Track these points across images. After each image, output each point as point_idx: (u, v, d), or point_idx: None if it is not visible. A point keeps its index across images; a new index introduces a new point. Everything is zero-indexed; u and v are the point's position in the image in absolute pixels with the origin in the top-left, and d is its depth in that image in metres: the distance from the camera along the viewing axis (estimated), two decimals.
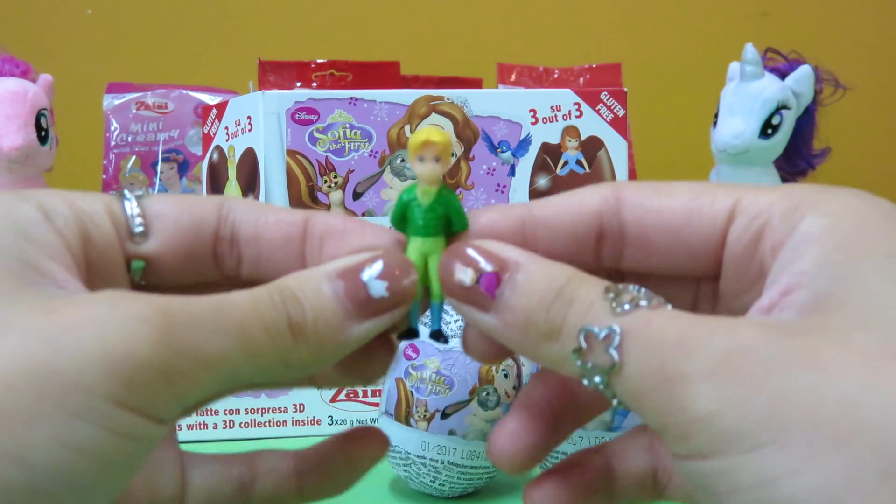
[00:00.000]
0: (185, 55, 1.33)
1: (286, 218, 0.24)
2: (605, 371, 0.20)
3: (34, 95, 0.81)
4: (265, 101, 0.49)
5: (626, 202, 0.23)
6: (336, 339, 0.22)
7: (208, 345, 0.20)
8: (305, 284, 0.22)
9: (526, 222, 0.23)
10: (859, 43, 1.36)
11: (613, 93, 0.52)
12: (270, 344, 0.21)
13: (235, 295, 0.21)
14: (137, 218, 0.23)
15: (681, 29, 1.37)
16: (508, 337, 0.22)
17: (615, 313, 0.20)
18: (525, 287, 0.21)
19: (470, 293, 0.22)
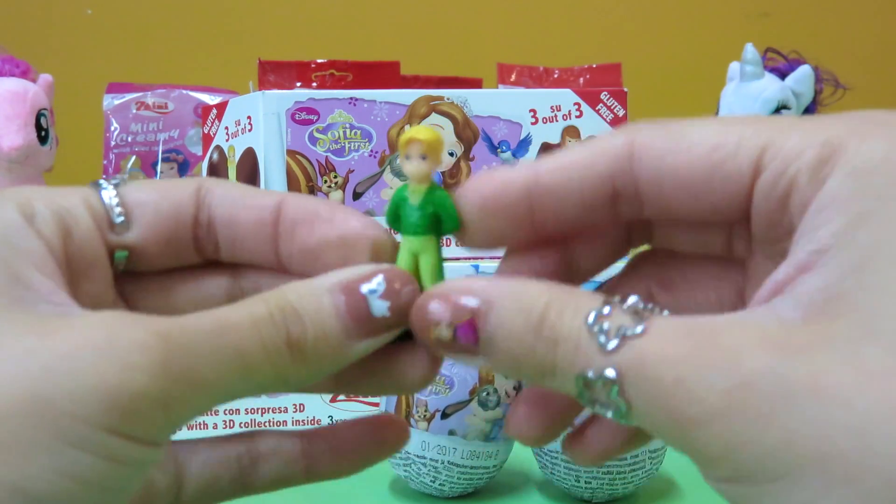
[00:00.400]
0: (185, 55, 1.33)
1: (259, 202, 0.24)
2: (615, 413, 0.19)
3: (34, 95, 0.81)
4: (265, 101, 0.49)
5: (639, 161, 0.21)
6: (334, 357, 0.21)
7: (206, 370, 0.19)
8: (306, 299, 0.21)
9: (532, 192, 0.22)
10: (859, 43, 1.36)
11: (613, 93, 0.52)
12: (268, 364, 0.20)
13: (234, 313, 0.20)
14: (117, 208, 0.23)
15: (681, 29, 1.37)
16: (503, 371, 0.21)
17: (605, 352, 0.19)
18: (502, 331, 0.20)
19: (453, 346, 0.21)
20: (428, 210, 0.23)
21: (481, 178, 0.23)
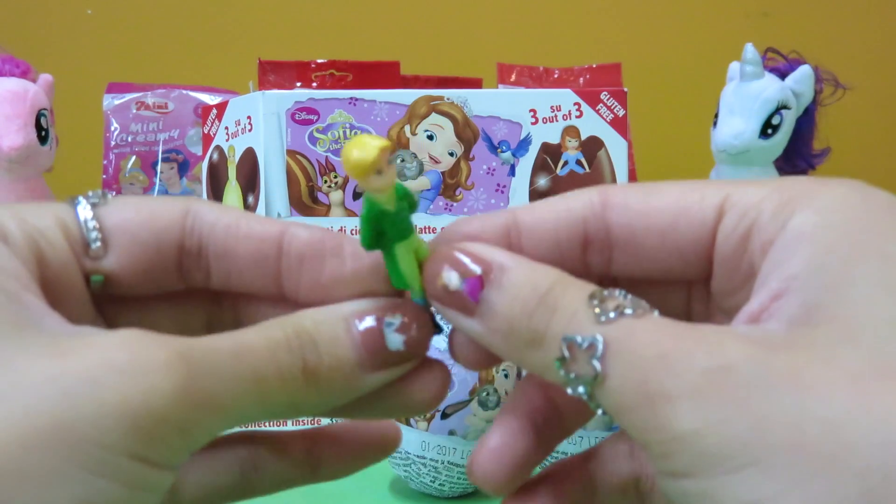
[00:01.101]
0: (185, 55, 1.33)
1: (258, 233, 0.23)
2: (587, 382, 0.19)
3: (34, 95, 0.81)
4: (265, 101, 0.49)
5: (611, 205, 0.23)
6: (347, 387, 0.21)
7: (225, 395, 0.19)
8: (323, 327, 0.21)
9: (510, 230, 0.23)
10: (859, 43, 1.36)
11: (613, 93, 0.52)
12: (283, 390, 0.20)
13: (251, 337, 0.20)
14: (94, 232, 0.22)
15: (681, 29, 1.37)
16: (493, 343, 0.21)
17: (599, 322, 0.19)
18: (508, 292, 0.21)
19: (454, 297, 0.21)
20: (405, 206, 0.22)
21: (460, 221, 0.23)
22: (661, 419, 0.18)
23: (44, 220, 0.21)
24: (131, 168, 0.92)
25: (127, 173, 0.92)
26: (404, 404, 0.23)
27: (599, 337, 0.19)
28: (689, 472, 0.18)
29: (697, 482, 0.18)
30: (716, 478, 0.17)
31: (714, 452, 0.17)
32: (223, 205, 0.26)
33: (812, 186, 0.20)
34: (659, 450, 0.18)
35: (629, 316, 0.19)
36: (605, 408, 0.19)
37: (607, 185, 0.23)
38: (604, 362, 0.19)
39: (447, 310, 0.22)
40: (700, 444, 0.17)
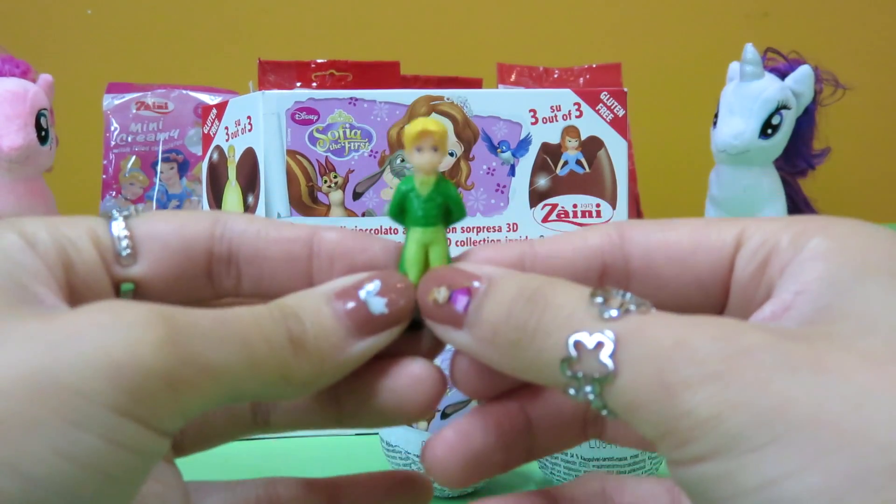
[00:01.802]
0: (185, 55, 1.33)
1: (289, 235, 0.23)
2: (597, 381, 0.19)
3: (34, 95, 0.81)
4: (265, 101, 0.49)
5: (629, 238, 0.23)
6: (337, 356, 0.22)
7: (212, 354, 0.19)
8: (305, 303, 0.22)
9: (525, 257, 0.23)
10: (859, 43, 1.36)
11: (613, 93, 0.52)
12: (272, 356, 0.20)
13: (236, 309, 0.21)
14: (125, 240, 0.23)
15: (681, 29, 1.37)
16: (483, 353, 0.21)
17: (603, 319, 0.19)
18: (494, 298, 0.21)
19: (443, 310, 0.22)
20: (438, 201, 0.23)
21: (476, 248, 0.24)
22: (680, 406, 0.18)
23: (75, 230, 0.22)
24: (131, 168, 0.92)
25: (127, 173, 0.92)
26: (398, 408, 0.23)
27: (610, 333, 0.19)
28: (708, 455, 0.18)
29: (717, 464, 0.17)
30: (737, 458, 0.17)
31: (735, 433, 0.17)
32: (251, 215, 0.26)
33: (826, 220, 0.21)
34: (677, 438, 0.18)
35: (634, 312, 0.19)
36: (612, 407, 0.19)
37: (621, 221, 0.23)
38: (616, 359, 0.19)
39: (439, 326, 0.22)
40: (721, 426, 0.17)
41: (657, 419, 0.18)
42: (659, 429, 0.18)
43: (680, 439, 0.18)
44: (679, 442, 0.18)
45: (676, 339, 0.18)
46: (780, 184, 0.78)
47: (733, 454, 0.17)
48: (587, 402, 0.20)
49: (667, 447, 0.18)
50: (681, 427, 0.18)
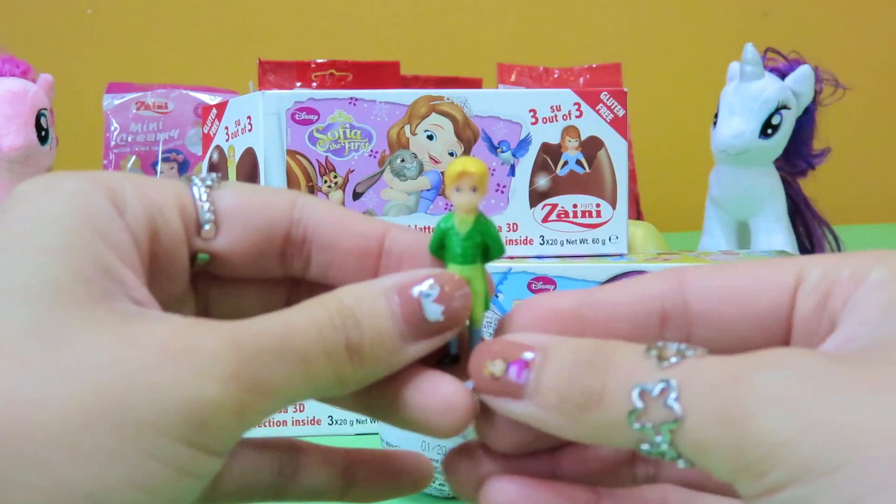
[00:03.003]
0: (185, 55, 1.33)
1: (364, 230, 0.24)
2: (667, 427, 0.19)
3: (34, 95, 0.81)
4: (265, 101, 0.49)
5: (688, 282, 0.23)
6: (390, 359, 0.22)
7: (274, 377, 0.20)
8: (363, 302, 0.22)
9: (584, 304, 0.23)
10: (859, 43, 1.36)
11: (613, 93, 0.52)
12: (329, 367, 0.21)
13: (297, 317, 0.21)
14: (208, 214, 0.23)
15: (681, 29, 1.37)
16: (547, 421, 0.21)
17: (662, 368, 0.19)
18: (553, 365, 0.21)
19: (501, 384, 0.21)
20: (477, 239, 0.23)
21: (533, 299, 0.23)
22: (749, 439, 0.18)
23: (164, 197, 0.23)
24: (131, 168, 0.92)
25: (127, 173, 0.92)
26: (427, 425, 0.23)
27: (672, 379, 0.19)
28: (784, 483, 0.17)
29: (794, 491, 0.17)
30: (813, 482, 0.17)
31: (808, 457, 0.17)
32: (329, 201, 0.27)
33: (883, 252, 0.21)
34: (752, 472, 0.18)
35: (691, 357, 0.19)
36: (686, 452, 0.19)
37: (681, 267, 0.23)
38: (680, 400, 0.19)
39: (496, 399, 0.22)
40: (794, 452, 0.17)
41: (729, 455, 0.18)
42: (733, 465, 0.18)
43: (755, 472, 0.18)
44: (754, 475, 0.18)
45: (736, 373, 0.18)
46: (780, 184, 0.78)
47: (809, 479, 0.17)
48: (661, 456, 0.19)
49: (743, 483, 0.18)
50: (753, 458, 0.18)
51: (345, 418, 0.50)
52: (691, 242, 0.83)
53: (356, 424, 0.50)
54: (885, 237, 1.14)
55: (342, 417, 0.50)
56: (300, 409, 0.50)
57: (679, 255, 0.53)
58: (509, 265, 0.49)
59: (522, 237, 0.51)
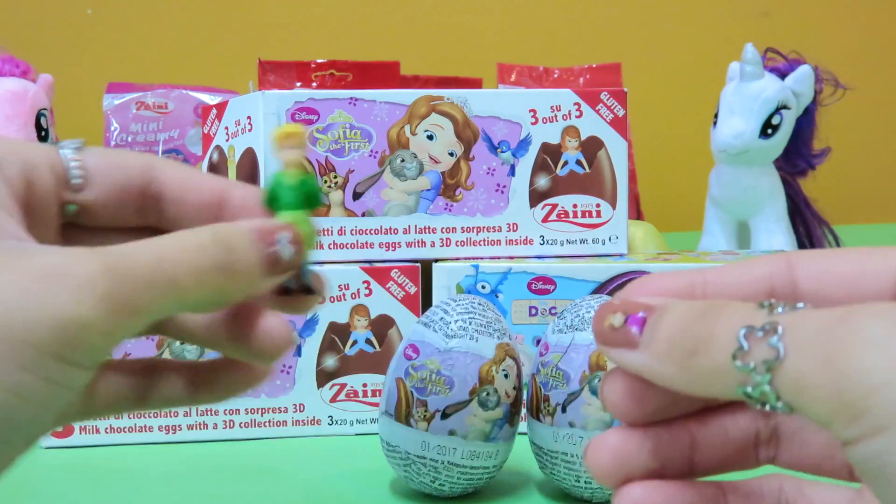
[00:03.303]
0: (185, 55, 1.33)
1: (207, 185, 0.28)
2: (768, 365, 0.19)
3: (34, 95, 0.81)
4: (265, 101, 0.49)
5: (797, 264, 0.24)
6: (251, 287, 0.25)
7: (145, 297, 0.23)
8: (235, 235, 0.25)
9: (696, 285, 0.24)
10: (859, 43, 1.36)
11: (613, 93, 0.52)
12: (198, 290, 0.24)
13: (169, 242, 0.24)
14: (76, 170, 0.27)
15: (681, 29, 1.37)
16: (657, 369, 0.22)
17: (771, 315, 0.20)
18: (670, 316, 0.22)
19: (619, 334, 0.23)
20: (303, 189, 0.27)
21: (647, 277, 0.25)
22: (849, 379, 0.18)
23: (37, 155, 0.26)
24: None
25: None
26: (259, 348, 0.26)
27: (777, 321, 0.20)
28: (883, 426, 0.18)
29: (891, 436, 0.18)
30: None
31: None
32: (180, 163, 0.31)
33: None
34: (849, 413, 0.18)
35: (800, 309, 0.20)
36: (785, 393, 0.20)
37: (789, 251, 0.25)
38: (784, 341, 0.19)
39: (613, 350, 0.23)
40: (894, 394, 0.18)
41: (827, 394, 0.18)
42: (831, 405, 0.18)
43: (852, 413, 0.18)
44: (851, 416, 0.18)
45: (840, 318, 0.19)
46: (780, 184, 0.78)
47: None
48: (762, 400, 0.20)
49: (840, 425, 0.19)
50: (851, 399, 0.18)
51: (345, 418, 0.50)
52: (691, 242, 0.83)
53: (356, 425, 0.50)
54: (885, 237, 1.14)
55: (342, 417, 0.50)
56: (300, 410, 0.50)
57: (679, 255, 0.53)
58: (509, 265, 0.49)
59: (522, 237, 0.51)
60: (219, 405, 0.44)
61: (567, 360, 0.39)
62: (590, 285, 0.49)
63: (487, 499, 0.42)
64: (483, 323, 0.40)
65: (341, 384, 0.50)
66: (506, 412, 0.40)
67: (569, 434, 0.39)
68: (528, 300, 0.49)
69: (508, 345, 0.40)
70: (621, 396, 0.24)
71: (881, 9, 1.38)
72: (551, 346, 0.40)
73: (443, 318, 0.40)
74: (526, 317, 0.49)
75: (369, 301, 0.50)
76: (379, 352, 0.50)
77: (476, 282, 0.49)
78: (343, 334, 0.50)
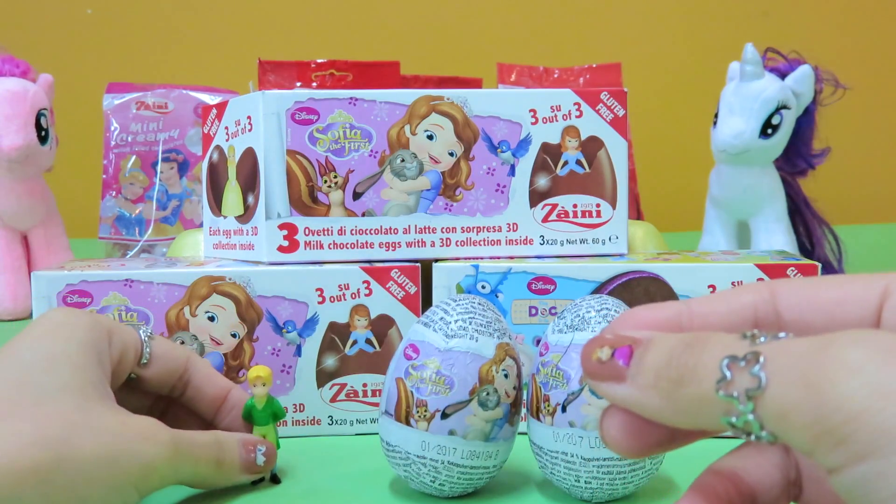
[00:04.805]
0: (185, 55, 1.33)
1: (220, 384, 0.43)
2: (750, 393, 0.20)
3: (34, 95, 0.81)
4: (265, 101, 0.49)
5: (779, 293, 0.24)
6: (231, 479, 0.41)
7: (182, 465, 0.38)
8: (229, 444, 0.41)
9: (682, 314, 0.25)
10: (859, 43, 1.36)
11: (613, 93, 0.52)
12: (204, 468, 0.39)
13: (202, 439, 0.39)
14: (147, 354, 0.41)
15: (681, 29, 1.37)
16: (644, 401, 0.23)
17: (753, 345, 0.21)
18: (656, 349, 0.23)
19: (606, 367, 0.23)
20: (269, 411, 0.43)
21: (634, 310, 0.26)
22: (830, 404, 0.18)
23: (130, 337, 0.41)
24: (131, 168, 0.92)
25: (127, 173, 0.92)
26: None
27: (759, 351, 0.20)
28: (866, 453, 0.18)
29: (876, 463, 0.18)
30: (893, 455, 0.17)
31: (889, 427, 0.17)
32: (205, 360, 0.44)
33: None
34: (832, 439, 0.18)
35: (781, 339, 0.21)
36: (768, 423, 0.20)
37: (773, 280, 0.25)
38: (766, 370, 0.20)
39: (600, 384, 0.24)
40: (874, 420, 0.18)
41: (809, 421, 0.19)
42: (812, 432, 0.19)
43: (834, 440, 0.18)
44: (833, 443, 0.18)
45: (820, 346, 0.19)
46: (780, 184, 0.78)
47: (890, 450, 0.17)
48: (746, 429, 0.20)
49: (823, 453, 0.19)
50: (832, 425, 0.18)
51: (345, 418, 0.50)
52: (691, 242, 0.83)
53: (356, 425, 0.50)
54: (885, 237, 1.14)
55: (342, 417, 0.50)
56: (300, 410, 0.50)
57: (679, 255, 0.53)
58: (509, 265, 0.49)
59: (522, 237, 0.51)
60: None
61: (567, 360, 0.39)
62: (590, 285, 0.49)
63: (487, 499, 0.42)
64: (483, 323, 0.40)
65: (341, 384, 0.50)
66: (506, 412, 0.40)
67: (569, 434, 0.39)
68: (528, 300, 0.49)
69: (508, 345, 0.40)
70: (619, 431, 0.24)
71: (881, 9, 1.38)
72: (551, 346, 0.40)
73: (443, 317, 0.40)
74: (526, 317, 0.49)
75: (369, 301, 0.50)
76: (379, 352, 0.50)
77: (476, 282, 0.49)
78: (343, 334, 0.50)
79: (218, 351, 0.49)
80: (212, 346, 0.49)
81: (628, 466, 0.39)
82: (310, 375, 0.50)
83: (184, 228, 0.90)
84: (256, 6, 1.35)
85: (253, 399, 0.43)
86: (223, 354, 0.49)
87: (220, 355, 0.49)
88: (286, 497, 0.42)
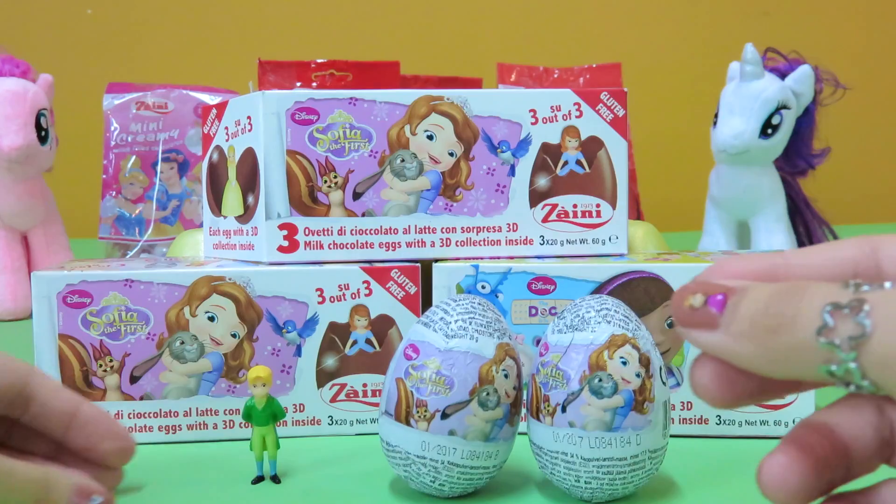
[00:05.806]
0: (185, 55, 1.33)
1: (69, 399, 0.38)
2: (854, 341, 0.19)
3: (34, 95, 0.81)
4: (265, 101, 0.49)
5: (881, 247, 0.24)
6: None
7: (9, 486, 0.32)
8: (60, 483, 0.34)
9: (777, 266, 0.24)
10: (859, 43, 1.36)
11: (613, 93, 0.52)
12: None
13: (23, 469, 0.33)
14: None
15: (681, 29, 1.37)
16: (737, 349, 0.22)
17: (857, 292, 0.20)
18: (751, 297, 0.22)
19: (698, 314, 0.23)
20: (268, 412, 0.43)
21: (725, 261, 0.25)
22: None
23: None
24: (131, 168, 0.92)
25: (127, 173, 0.92)
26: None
27: (863, 298, 0.20)
28: None
29: None
30: None
31: None
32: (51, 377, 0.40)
33: None
34: None
35: (888, 288, 0.20)
36: (869, 369, 0.20)
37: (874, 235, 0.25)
38: (871, 318, 0.19)
39: (692, 332, 0.23)
40: None
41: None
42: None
43: None
44: None
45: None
46: (780, 184, 0.78)
47: None
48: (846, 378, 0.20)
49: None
50: None
51: (344, 418, 0.50)
52: (691, 242, 0.83)
53: (356, 425, 0.50)
54: None
55: (342, 417, 0.50)
56: (300, 410, 0.50)
57: (679, 255, 0.53)
58: (509, 265, 0.49)
59: (522, 237, 0.51)
60: (219, 405, 0.49)
61: (567, 360, 0.39)
62: (590, 285, 0.49)
63: (487, 499, 0.42)
64: (483, 323, 0.40)
65: (341, 384, 0.50)
66: (506, 412, 0.40)
67: (569, 434, 0.39)
68: (528, 300, 0.49)
69: (508, 345, 0.40)
70: (711, 380, 0.24)
71: (881, 9, 1.38)
72: (551, 346, 0.40)
73: (443, 318, 0.40)
74: (526, 317, 0.49)
75: (369, 301, 0.50)
76: (379, 352, 0.50)
77: (476, 282, 0.49)
78: (343, 334, 0.50)
79: (218, 351, 0.49)
80: (212, 346, 0.49)
81: (628, 466, 0.39)
82: (310, 375, 0.50)
83: (184, 228, 0.90)
84: (256, 6, 1.35)
85: (253, 399, 0.42)
86: (223, 354, 0.49)
87: (220, 355, 0.49)
88: (286, 497, 0.42)
